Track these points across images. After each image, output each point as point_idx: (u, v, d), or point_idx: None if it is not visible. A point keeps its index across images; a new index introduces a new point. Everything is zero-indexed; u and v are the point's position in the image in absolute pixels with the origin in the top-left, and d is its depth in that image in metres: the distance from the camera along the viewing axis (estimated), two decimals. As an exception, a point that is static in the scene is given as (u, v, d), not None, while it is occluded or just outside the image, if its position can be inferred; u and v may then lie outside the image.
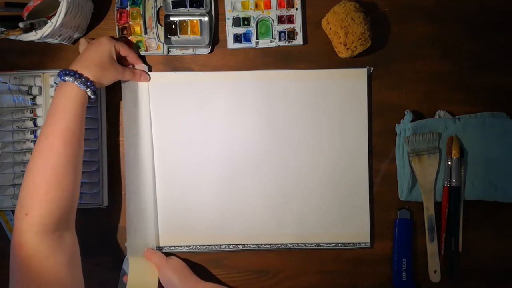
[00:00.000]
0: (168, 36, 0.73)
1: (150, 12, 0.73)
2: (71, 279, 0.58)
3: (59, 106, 0.61)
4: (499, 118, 0.73)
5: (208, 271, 0.74)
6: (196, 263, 0.74)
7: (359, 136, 0.73)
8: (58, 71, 0.63)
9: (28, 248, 0.56)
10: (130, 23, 0.73)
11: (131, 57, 0.71)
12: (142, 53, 0.73)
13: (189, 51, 0.74)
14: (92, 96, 0.64)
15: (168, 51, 0.73)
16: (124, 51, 0.69)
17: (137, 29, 0.73)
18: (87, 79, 0.63)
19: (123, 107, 0.73)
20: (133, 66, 0.72)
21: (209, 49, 0.74)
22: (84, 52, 0.66)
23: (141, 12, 0.73)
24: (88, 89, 0.63)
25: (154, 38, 0.73)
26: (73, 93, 0.61)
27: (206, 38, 0.73)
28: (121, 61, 0.71)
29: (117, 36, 0.73)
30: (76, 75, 0.62)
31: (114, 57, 0.67)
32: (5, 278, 0.75)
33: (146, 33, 0.73)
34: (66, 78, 0.61)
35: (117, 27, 0.73)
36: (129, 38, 0.73)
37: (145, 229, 0.72)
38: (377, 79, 0.74)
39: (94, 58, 0.65)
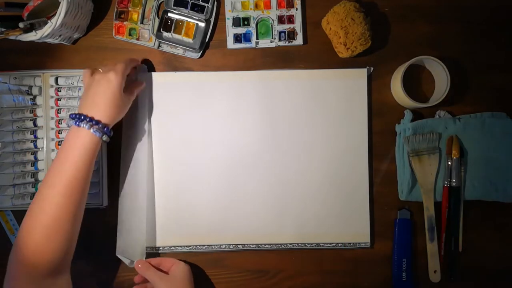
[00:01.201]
0: (161, 31, 0.73)
1: (152, 3, 0.73)
2: None
3: (70, 152, 0.60)
4: (499, 118, 0.73)
5: (208, 271, 0.74)
6: (196, 263, 0.74)
7: (359, 136, 0.73)
8: (70, 114, 0.61)
9: None
10: (130, 8, 0.73)
11: (133, 67, 0.70)
12: (133, 41, 0.73)
13: (179, 51, 0.74)
14: (108, 140, 0.63)
15: (159, 46, 0.73)
16: (128, 69, 0.67)
17: (135, 16, 0.73)
18: (104, 125, 0.61)
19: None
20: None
21: (199, 54, 0.73)
22: (95, 93, 0.63)
23: (143, 1, 0.73)
24: (104, 135, 0.62)
25: (148, 29, 0.73)
26: (87, 140, 0.60)
27: (197, 43, 0.73)
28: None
29: (113, 20, 0.73)
30: (93, 122, 0.60)
31: (123, 89, 0.64)
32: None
33: (142, 22, 0.73)
34: (82, 125, 0.60)
35: (116, 9, 0.73)
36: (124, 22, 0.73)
37: (137, 230, 0.71)
38: (377, 79, 0.74)
39: (108, 100, 0.62)
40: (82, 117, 0.61)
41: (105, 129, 0.62)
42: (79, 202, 0.60)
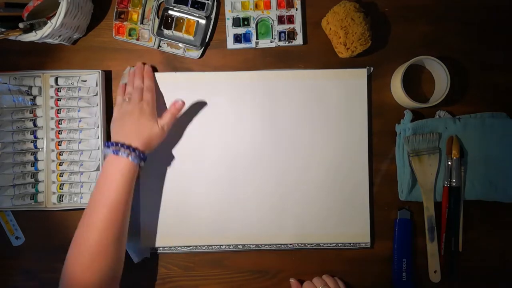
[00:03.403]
0: (162, 28, 0.73)
1: (152, 4, 0.73)
2: None
3: (109, 180, 0.62)
4: (499, 118, 0.73)
5: (208, 271, 0.74)
6: (196, 263, 0.74)
7: (359, 136, 0.73)
8: (106, 142, 0.64)
9: None
10: (129, 9, 0.73)
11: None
12: (133, 41, 0.73)
13: (180, 52, 0.74)
14: (142, 165, 0.65)
15: (159, 46, 0.73)
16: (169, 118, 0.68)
17: (135, 16, 0.73)
18: (140, 152, 0.63)
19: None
20: None
21: (200, 52, 0.73)
22: (130, 123, 0.65)
23: (143, 1, 0.73)
24: (142, 162, 0.64)
25: (148, 29, 0.73)
26: (127, 168, 0.62)
27: (199, 40, 0.73)
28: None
29: (113, 20, 0.72)
30: (130, 149, 0.62)
31: (156, 117, 0.67)
32: (5, 278, 0.75)
33: (142, 22, 0.73)
34: (121, 153, 0.62)
35: (115, 9, 0.73)
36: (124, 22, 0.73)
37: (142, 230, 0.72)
38: (377, 79, 0.74)
39: (142, 129, 0.65)
40: (120, 145, 0.62)
41: (141, 155, 0.64)
42: (122, 225, 0.62)
